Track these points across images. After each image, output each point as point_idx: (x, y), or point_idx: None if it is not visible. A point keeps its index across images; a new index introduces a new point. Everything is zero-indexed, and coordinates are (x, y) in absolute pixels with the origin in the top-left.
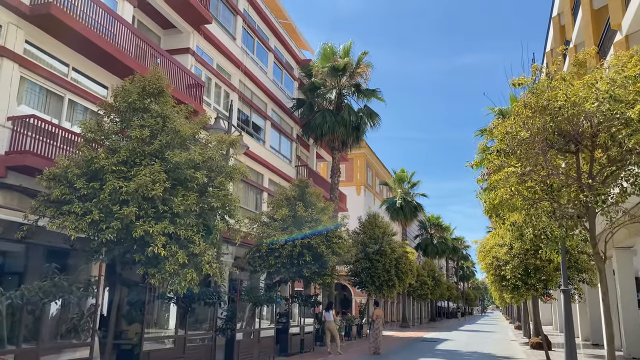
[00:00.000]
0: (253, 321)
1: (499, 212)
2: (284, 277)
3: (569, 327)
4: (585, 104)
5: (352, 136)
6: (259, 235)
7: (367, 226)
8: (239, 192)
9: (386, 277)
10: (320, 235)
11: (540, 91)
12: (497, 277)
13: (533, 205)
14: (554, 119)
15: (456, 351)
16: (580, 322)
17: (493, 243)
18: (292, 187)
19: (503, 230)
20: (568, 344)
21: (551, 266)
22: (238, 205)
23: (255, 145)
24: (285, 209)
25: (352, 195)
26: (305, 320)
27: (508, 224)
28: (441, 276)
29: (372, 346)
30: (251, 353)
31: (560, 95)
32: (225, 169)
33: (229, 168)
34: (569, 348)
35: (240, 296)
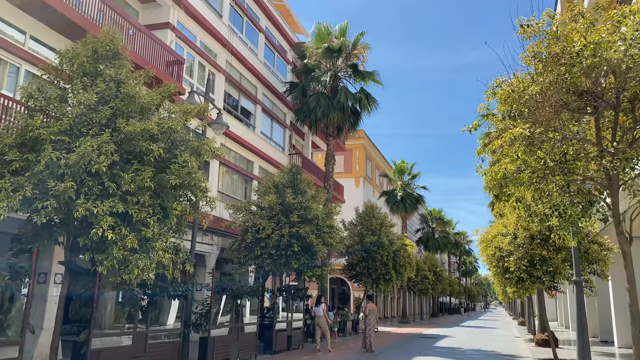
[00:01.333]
0: (234, 316)
1: (503, 189)
2: (271, 269)
3: (582, 322)
4: (609, 51)
5: (348, 121)
6: (244, 224)
7: (364, 217)
8: (225, 178)
9: (383, 270)
10: (310, 225)
11: (553, 37)
12: (500, 269)
13: (543, 178)
14: (570, 71)
15: (456, 349)
16: (588, 317)
17: (495, 232)
18: (282, 173)
19: (508, 208)
20: (581, 340)
21: (559, 256)
22: (205, 185)
23: (244, 130)
24: (273, 196)
25: (351, 187)
26: (295, 316)
27: (513, 201)
28: (443, 271)
29: (364, 343)
30: (229, 351)
31: (578, 38)
32: (191, 144)
33: (195, 142)
34: (582, 345)
35: (217, 288)
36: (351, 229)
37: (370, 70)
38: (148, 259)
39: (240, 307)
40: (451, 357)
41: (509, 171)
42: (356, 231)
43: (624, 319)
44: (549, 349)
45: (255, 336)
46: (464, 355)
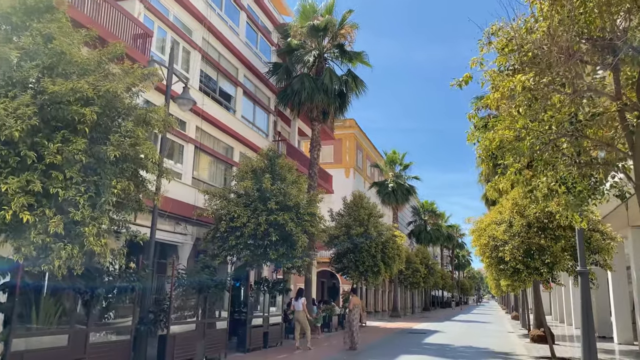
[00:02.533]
0: (199, 312)
1: (498, 161)
2: (247, 260)
3: (588, 318)
4: None
5: (333, 104)
6: (217, 212)
7: (351, 207)
8: (202, 164)
9: (371, 262)
10: (290, 212)
11: None
12: (493, 259)
13: (547, 145)
14: (584, 4)
15: (447, 345)
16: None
17: (489, 220)
18: (260, 157)
19: (505, 181)
20: (586, 338)
21: (558, 246)
22: (156, 160)
23: (223, 113)
24: (249, 182)
25: (341, 177)
26: (273, 311)
27: (511, 173)
28: (435, 264)
29: (347, 340)
30: (193, 349)
31: None
32: (138, 112)
33: (142, 110)
34: (588, 344)
35: (179, 281)
36: (338, 219)
37: (358, 51)
38: (75, 246)
39: (207, 302)
40: (440, 356)
41: (507, 138)
42: (343, 222)
43: (624, 314)
44: (544, 345)
45: (225, 333)
46: (455, 352)
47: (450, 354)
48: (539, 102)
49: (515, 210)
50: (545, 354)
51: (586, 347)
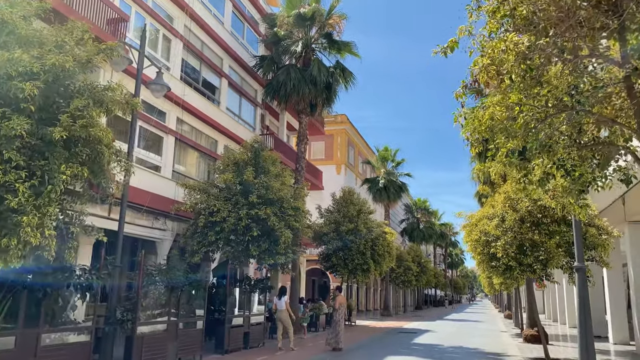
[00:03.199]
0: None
1: (489, 144)
2: (227, 257)
3: (585, 317)
4: None
5: (321, 96)
6: (196, 206)
7: (341, 203)
8: (183, 157)
9: (361, 260)
10: (273, 206)
11: None
12: (485, 256)
13: (544, 121)
14: None
15: (436, 346)
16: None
17: (481, 215)
18: (244, 150)
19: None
20: (584, 339)
21: (552, 242)
22: (110, 144)
23: (206, 105)
24: (230, 174)
25: (332, 174)
26: (256, 309)
27: (502, 155)
28: (428, 262)
29: (331, 341)
30: (164, 351)
31: None
32: (92, 90)
33: (98, 89)
34: (585, 345)
35: (148, 278)
36: (327, 216)
37: (347, 41)
38: (13, 238)
39: (180, 301)
40: (428, 357)
41: (498, 117)
42: (332, 218)
43: (619, 313)
44: (538, 345)
45: (201, 333)
46: (444, 354)
47: (439, 355)
48: (534, 73)
49: (508, 204)
50: (538, 355)
51: (584, 347)
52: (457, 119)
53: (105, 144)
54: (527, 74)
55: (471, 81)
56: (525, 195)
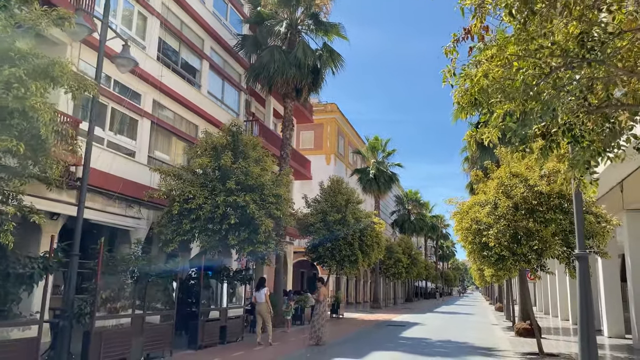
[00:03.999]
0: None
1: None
2: (204, 246)
3: (587, 311)
4: None
5: (307, 80)
6: (170, 192)
7: (328, 193)
8: (160, 142)
9: (348, 251)
10: (253, 193)
11: None
12: (476, 245)
13: (548, 76)
14: None
15: (424, 340)
16: (571, 303)
17: (472, 202)
18: (222, 133)
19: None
20: (585, 335)
21: (548, 230)
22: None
23: (186, 88)
24: (206, 158)
25: (321, 164)
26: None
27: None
28: (418, 254)
29: (313, 335)
30: (127, 347)
31: None
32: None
33: (42, 60)
34: (587, 341)
35: (109, 268)
36: (314, 205)
37: (334, 22)
38: None
39: (147, 293)
40: (415, 352)
41: (493, 75)
42: (319, 208)
43: (615, 305)
44: (530, 339)
45: (171, 328)
46: (432, 348)
47: (427, 349)
48: (537, 19)
49: (501, 190)
50: (531, 350)
51: (585, 342)
52: (446, 78)
53: (45, 119)
54: (529, 19)
55: (463, 34)
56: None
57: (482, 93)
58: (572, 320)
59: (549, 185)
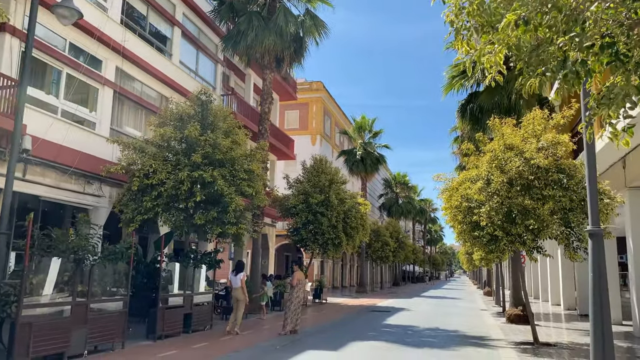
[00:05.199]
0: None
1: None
2: (169, 226)
3: (600, 293)
4: None
5: (289, 50)
6: (128, 166)
7: (311, 172)
8: (125, 114)
9: (332, 234)
10: (222, 168)
11: None
12: (467, 225)
13: None
14: None
15: (410, 327)
16: (562, 287)
17: (462, 178)
18: (190, 103)
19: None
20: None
21: (546, 208)
22: None
23: (155, 56)
24: (169, 128)
25: (306, 145)
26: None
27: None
28: (406, 238)
29: (286, 324)
30: (64, 340)
31: None
32: None
33: None
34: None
35: (37, 248)
36: (296, 186)
37: None
38: None
39: (91, 278)
40: (399, 342)
41: None
42: (301, 189)
43: (613, 290)
44: (523, 326)
45: (123, 316)
46: (418, 337)
47: (412, 339)
48: None
49: (495, 164)
50: (525, 339)
51: (598, 333)
52: None
53: None
54: None
55: None
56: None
57: (483, 7)
58: (563, 306)
59: (547, 159)
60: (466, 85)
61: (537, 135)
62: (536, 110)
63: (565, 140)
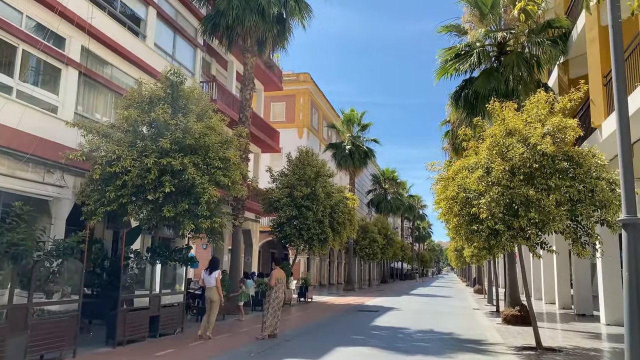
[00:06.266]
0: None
1: None
2: (135, 218)
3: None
4: None
5: (271, 32)
6: (90, 153)
7: (296, 165)
8: (92, 98)
9: (318, 229)
10: (193, 155)
11: None
12: (464, 218)
13: None
14: None
15: (401, 330)
16: (558, 286)
17: (459, 166)
18: (161, 85)
19: None
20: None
21: (552, 198)
22: None
23: (126, 37)
24: (134, 110)
25: (293, 138)
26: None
27: None
28: (395, 235)
29: (264, 327)
30: (1, 348)
31: None
32: None
33: None
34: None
35: None
36: (281, 179)
37: None
38: None
39: (33, 277)
40: (390, 348)
41: None
42: (286, 182)
43: (614, 289)
44: (520, 328)
45: (73, 321)
46: (410, 342)
47: (403, 343)
48: None
49: (495, 151)
50: (526, 342)
51: (636, 342)
52: None
53: None
54: None
55: None
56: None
57: None
58: (558, 304)
59: (554, 145)
60: (461, 69)
61: (542, 120)
62: (540, 92)
63: (574, 125)
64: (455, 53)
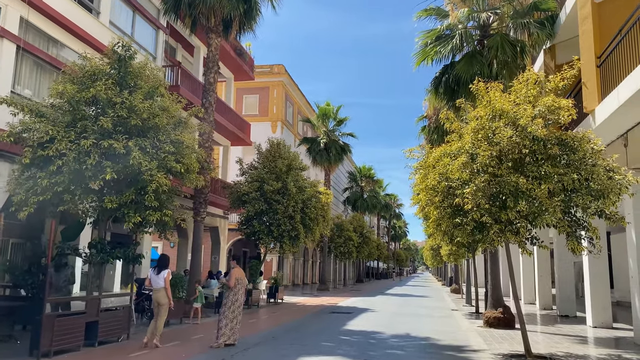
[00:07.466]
0: None
1: None
2: (71, 210)
3: None
4: None
5: (237, 10)
6: (21, 134)
7: (267, 157)
8: (32, 75)
9: (289, 225)
10: (140, 138)
11: None
12: (446, 210)
13: None
14: None
15: (375, 334)
16: (539, 285)
17: (441, 152)
18: (108, 59)
19: None
20: None
21: (543, 188)
22: None
23: (76, 11)
24: (72, 85)
25: (266, 131)
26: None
27: None
28: (371, 233)
29: (220, 333)
30: None
31: None
32: None
33: None
34: None
35: None
36: (250, 172)
37: None
38: None
39: None
40: (361, 358)
41: None
42: (256, 175)
43: (602, 289)
44: (504, 331)
45: None
46: (384, 349)
47: (376, 351)
48: None
49: (481, 134)
50: (512, 349)
51: None
52: None
53: None
54: None
55: None
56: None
57: None
58: (539, 305)
59: (546, 128)
60: (442, 52)
61: (532, 102)
62: (530, 70)
63: (568, 105)
64: (437, 35)
